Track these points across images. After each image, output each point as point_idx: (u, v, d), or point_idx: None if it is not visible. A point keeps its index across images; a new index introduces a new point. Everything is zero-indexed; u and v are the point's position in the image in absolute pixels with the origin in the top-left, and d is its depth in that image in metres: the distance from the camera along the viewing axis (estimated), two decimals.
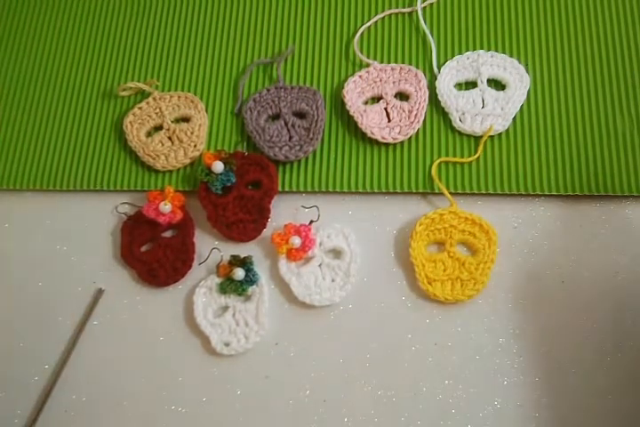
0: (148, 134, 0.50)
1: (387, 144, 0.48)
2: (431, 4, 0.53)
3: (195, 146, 0.49)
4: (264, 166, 0.47)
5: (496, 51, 0.50)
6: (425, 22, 0.52)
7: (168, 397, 0.43)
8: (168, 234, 0.48)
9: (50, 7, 0.57)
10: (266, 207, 0.47)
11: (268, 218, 0.47)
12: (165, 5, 0.55)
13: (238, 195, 0.47)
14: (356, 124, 0.48)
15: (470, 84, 0.50)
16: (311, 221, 0.46)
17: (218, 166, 0.46)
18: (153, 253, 0.47)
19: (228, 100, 0.51)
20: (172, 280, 0.46)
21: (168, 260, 0.46)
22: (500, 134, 0.48)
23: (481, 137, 0.47)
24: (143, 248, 0.47)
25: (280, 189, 0.47)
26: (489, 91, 0.49)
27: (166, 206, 0.46)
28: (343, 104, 0.49)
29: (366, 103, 0.50)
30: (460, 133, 0.48)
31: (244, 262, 0.45)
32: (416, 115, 0.48)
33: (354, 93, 0.49)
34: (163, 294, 0.46)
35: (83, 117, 0.52)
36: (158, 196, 0.46)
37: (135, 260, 0.47)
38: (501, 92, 0.49)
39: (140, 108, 0.50)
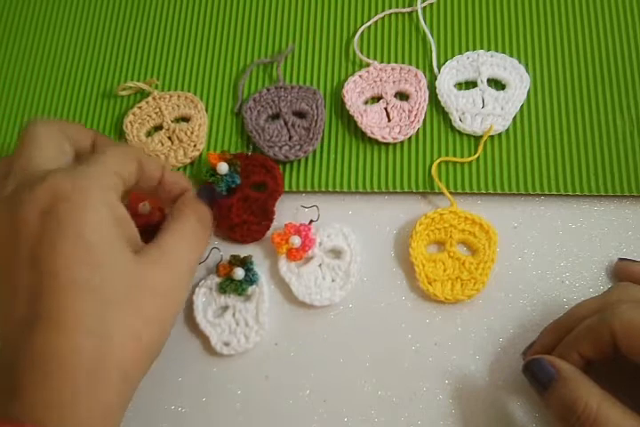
0: (148, 134, 0.50)
1: (387, 144, 0.48)
2: (431, 4, 0.53)
3: (195, 146, 0.49)
4: (269, 168, 0.47)
5: (496, 51, 0.50)
6: (425, 22, 0.52)
7: (168, 397, 0.43)
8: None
9: (48, 7, 0.56)
10: (270, 209, 0.46)
11: (272, 220, 0.46)
12: (165, 5, 0.55)
13: (242, 196, 0.47)
14: (355, 123, 0.48)
15: (470, 84, 0.50)
16: (311, 221, 0.45)
17: (222, 167, 0.46)
18: None
19: (228, 100, 0.51)
20: None
21: None
22: (500, 134, 0.48)
23: (481, 137, 0.47)
24: None
25: None
26: (489, 91, 0.49)
27: (145, 207, 0.44)
28: (343, 104, 0.49)
29: (366, 103, 0.50)
30: (460, 133, 0.48)
31: (244, 262, 0.45)
32: (416, 115, 0.48)
33: (354, 93, 0.49)
34: None
35: (83, 117, 0.52)
36: (141, 196, 0.44)
37: None
38: (501, 91, 0.49)
39: (139, 108, 0.50)
